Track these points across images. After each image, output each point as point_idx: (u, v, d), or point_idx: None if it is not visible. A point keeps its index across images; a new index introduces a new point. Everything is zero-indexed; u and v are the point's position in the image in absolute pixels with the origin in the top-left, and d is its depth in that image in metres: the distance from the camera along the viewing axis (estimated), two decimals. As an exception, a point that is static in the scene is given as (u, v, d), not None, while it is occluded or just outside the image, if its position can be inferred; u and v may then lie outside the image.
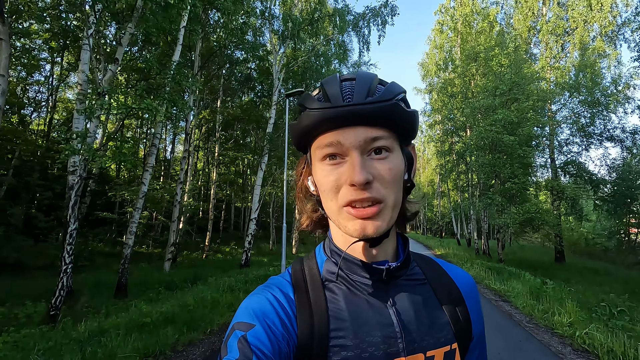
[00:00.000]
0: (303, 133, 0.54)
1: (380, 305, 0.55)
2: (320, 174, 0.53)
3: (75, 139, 5.83)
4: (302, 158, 0.61)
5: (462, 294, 0.62)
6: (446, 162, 23.58)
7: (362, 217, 0.49)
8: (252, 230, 11.91)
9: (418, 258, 0.65)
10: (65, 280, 5.63)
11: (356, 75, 0.52)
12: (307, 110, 0.51)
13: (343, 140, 0.50)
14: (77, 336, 4.08)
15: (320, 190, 0.54)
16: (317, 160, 0.53)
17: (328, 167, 0.52)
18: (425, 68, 24.98)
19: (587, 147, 16.96)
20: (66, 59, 15.15)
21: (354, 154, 0.49)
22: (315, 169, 0.55)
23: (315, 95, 0.53)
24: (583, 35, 17.36)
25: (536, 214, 12.22)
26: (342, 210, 0.51)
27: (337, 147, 0.50)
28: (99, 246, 13.61)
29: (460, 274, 0.66)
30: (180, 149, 23.79)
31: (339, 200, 0.51)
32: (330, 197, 0.52)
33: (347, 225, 0.51)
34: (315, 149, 0.53)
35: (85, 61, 6.61)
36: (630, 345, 3.97)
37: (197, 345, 4.26)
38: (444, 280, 0.62)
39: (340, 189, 0.50)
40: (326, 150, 0.51)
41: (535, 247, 25.49)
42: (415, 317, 0.55)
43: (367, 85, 0.50)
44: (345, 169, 0.50)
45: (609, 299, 6.89)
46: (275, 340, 0.48)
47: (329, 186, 0.51)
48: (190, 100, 11.83)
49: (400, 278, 0.58)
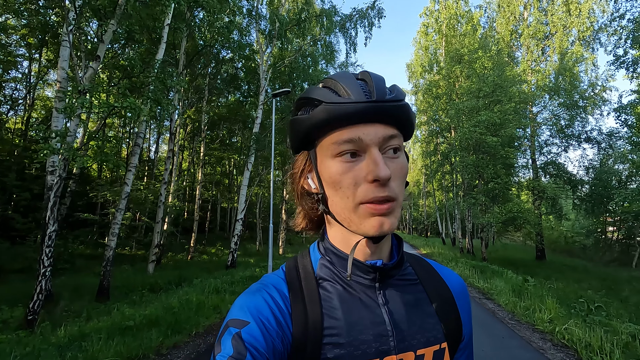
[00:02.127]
0: (315, 128, 0.52)
1: (373, 304, 0.55)
2: (334, 171, 0.51)
3: (55, 138, 5.65)
4: (302, 154, 0.59)
5: (453, 294, 0.63)
6: (431, 162, 23.94)
7: (379, 213, 0.49)
8: (238, 231, 11.80)
9: (411, 258, 0.66)
10: (44, 284, 5.45)
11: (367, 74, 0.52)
12: (323, 104, 0.50)
13: (364, 137, 0.49)
14: (57, 341, 3.96)
15: (329, 187, 0.53)
16: (330, 157, 0.52)
17: (345, 163, 0.50)
18: (411, 69, 25.31)
19: (566, 148, 17.57)
20: (45, 55, 14.66)
21: (374, 150, 0.49)
22: (325, 165, 0.53)
23: (326, 90, 0.51)
24: (562, 39, 17.93)
25: (518, 214, 12.53)
26: (358, 208, 0.50)
27: (357, 143, 0.49)
28: (80, 248, 13.22)
29: (451, 275, 0.67)
30: (165, 148, 23.38)
31: (357, 197, 0.49)
32: (346, 194, 0.50)
33: (364, 222, 0.50)
34: (329, 145, 0.51)
35: (64, 58, 6.40)
36: (607, 340, 4.11)
37: (182, 348, 4.20)
38: (435, 280, 0.63)
39: (359, 185, 0.49)
40: (345, 146, 0.50)
41: (517, 245, 26.14)
42: (407, 316, 0.55)
43: (382, 84, 0.50)
44: (364, 165, 0.49)
45: (587, 295, 7.13)
46: (270, 338, 0.48)
47: (347, 183, 0.50)
48: (175, 99, 11.64)
49: (394, 278, 0.58)
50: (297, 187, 0.61)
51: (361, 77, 0.52)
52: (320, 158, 0.54)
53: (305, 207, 0.61)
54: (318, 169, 0.55)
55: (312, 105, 0.52)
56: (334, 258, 0.58)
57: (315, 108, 0.51)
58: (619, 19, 13.80)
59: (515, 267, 12.77)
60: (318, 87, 0.53)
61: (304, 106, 0.54)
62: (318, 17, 13.80)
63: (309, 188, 0.58)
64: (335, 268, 0.57)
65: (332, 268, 0.58)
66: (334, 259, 0.58)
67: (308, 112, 0.52)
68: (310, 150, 0.56)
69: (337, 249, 0.58)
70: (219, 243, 19.47)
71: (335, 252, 0.58)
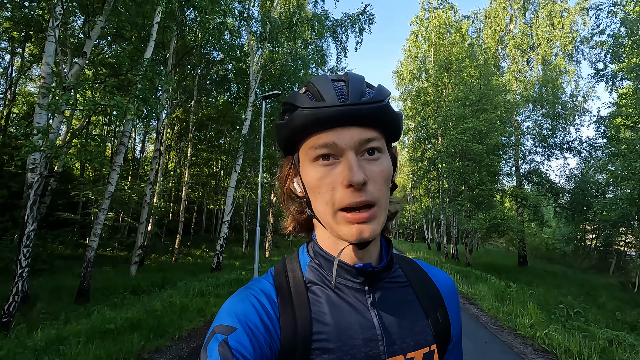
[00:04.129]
0: (293, 133, 0.52)
1: (363, 307, 0.54)
2: (312, 175, 0.51)
3: (37, 134, 5.49)
4: (287, 159, 0.59)
5: (443, 296, 0.62)
6: (418, 168, 24.21)
7: (358, 221, 0.48)
8: (224, 233, 11.67)
9: (400, 260, 0.65)
10: (20, 285, 5.27)
11: (346, 75, 0.51)
12: (299, 110, 0.49)
13: (339, 141, 0.49)
14: (33, 345, 3.82)
15: (311, 191, 0.53)
16: (309, 161, 0.52)
17: (321, 168, 0.50)
18: (400, 76, 25.62)
19: (549, 157, 18.04)
20: (28, 50, 14.26)
21: (350, 154, 0.49)
22: (305, 170, 0.53)
23: (305, 94, 0.51)
24: (546, 51, 18.47)
25: (502, 220, 12.77)
26: (337, 214, 0.50)
27: (332, 147, 0.49)
28: (59, 249, 12.83)
29: (440, 276, 0.67)
30: (151, 148, 23.05)
31: (335, 203, 0.49)
32: (324, 199, 0.50)
33: (342, 229, 0.50)
34: (307, 149, 0.51)
35: (50, 53, 6.24)
36: (585, 345, 4.22)
37: (164, 352, 4.11)
38: (425, 282, 0.63)
39: (336, 190, 0.49)
40: (320, 150, 0.50)
41: (500, 251, 26.62)
42: (397, 320, 0.55)
43: (359, 85, 0.49)
44: (340, 170, 0.49)
45: (566, 301, 7.30)
46: (258, 344, 0.47)
47: (324, 188, 0.50)
48: (163, 98, 11.48)
49: (383, 280, 0.58)
50: (283, 191, 0.61)
51: (339, 78, 0.52)
52: (301, 162, 0.54)
53: (293, 210, 0.60)
54: (300, 174, 0.55)
55: (291, 110, 0.52)
56: (323, 261, 0.57)
57: (292, 113, 0.51)
58: (599, 34, 14.31)
59: (499, 272, 13.01)
60: (299, 92, 0.53)
61: (286, 111, 0.54)
62: (309, 21, 13.86)
63: (295, 192, 0.58)
64: (324, 271, 0.56)
65: (321, 271, 0.57)
66: (323, 263, 0.57)
67: (289, 116, 0.52)
68: (293, 155, 0.56)
69: (325, 252, 0.57)
70: (205, 245, 19.21)
71: (324, 256, 0.57)
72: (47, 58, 6.22)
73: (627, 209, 10.81)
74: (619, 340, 4.41)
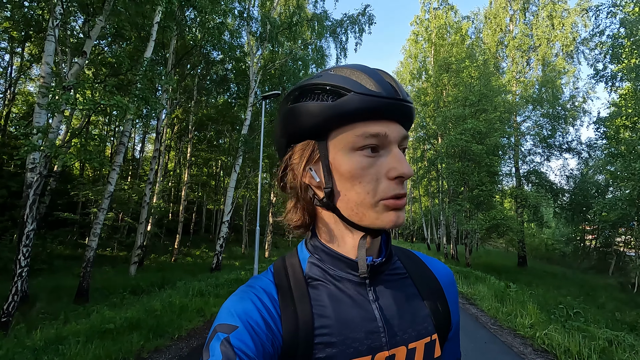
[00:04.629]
0: (338, 117, 0.49)
1: (364, 300, 0.54)
2: (353, 165, 0.50)
3: (36, 134, 5.49)
4: (306, 144, 0.54)
5: (442, 286, 0.63)
6: (418, 168, 24.22)
7: (397, 207, 0.50)
8: (224, 233, 11.66)
9: (399, 252, 0.66)
10: (19, 285, 5.27)
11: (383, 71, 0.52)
12: (352, 94, 0.48)
13: (389, 133, 0.50)
14: (32, 344, 3.82)
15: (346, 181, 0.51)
16: (348, 149, 0.50)
17: (367, 158, 0.50)
18: (400, 76, 25.61)
19: (549, 158, 18.05)
20: (28, 49, 14.27)
21: (395, 147, 0.51)
22: (340, 158, 0.51)
23: (350, 79, 0.50)
24: (546, 52, 18.48)
25: (501, 221, 12.78)
26: (378, 204, 0.50)
27: (381, 139, 0.49)
28: (59, 248, 12.82)
29: (439, 266, 0.67)
30: (151, 148, 23.05)
31: (380, 192, 0.50)
32: (366, 189, 0.50)
33: (381, 216, 0.51)
34: (352, 137, 0.49)
35: (49, 53, 6.23)
36: (585, 345, 4.22)
37: (163, 352, 4.10)
38: (424, 273, 0.63)
39: (380, 181, 0.50)
40: (369, 140, 0.49)
41: (499, 252, 26.64)
42: (398, 311, 0.55)
43: (401, 84, 0.52)
44: (388, 161, 0.50)
45: (566, 301, 7.31)
46: (259, 342, 0.47)
47: (367, 178, 0.50)
48: (162, 98, 11.47)
49: (384, 273, 0.58)
50: (298, 180, 0.56)
51: (380, 72, 0.52)
52: (333, 150, 0.52)
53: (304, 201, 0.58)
54: (330, 162, 0.52)
55: (334, 93, 0.49)
56: (324, 256, 0.57)
57: (339, 97, 0.49)
58: (599, 35, 14.33)
59: (498, 273, 13.01)
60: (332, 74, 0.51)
61: (316, 93, 0.51)
62: (309, 22, 13.88)
63: (310, 181, 0.55)
64: (325, 266, 0.56)
65: (322, 266, 0.57)
66: (324, 257, 0.57)
67: (327, 99, 0.49)
68: (320, 141, 0.53)
69: (327, 247, 0.57)
70: (204, 245, 19.21)
71: (325, 250, 0.57)
72: (47, 58, 6.21)
73: (626, 209, 10.82)
74: (618, 340, 4.41)
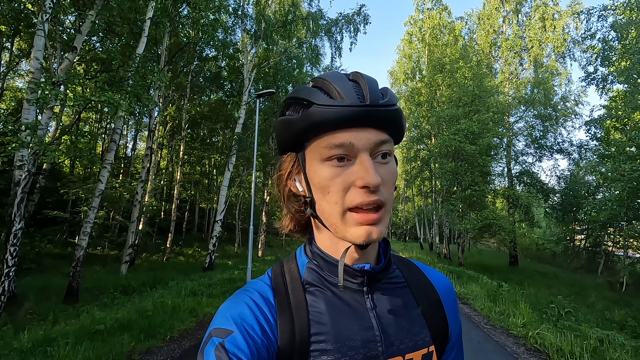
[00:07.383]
0: (305, 129, 0.49)
1: (361, 308, 0.54)
2: (323, 175, 0.49)
3: (25, 131, 5.37)
4: (289, 156, 0.56)
5: (440, 297, 0.63)
6: (411, 168, 24.34)
7: (367, 222, 0.48)
8: (217, 232, 11.58)
9: (398, 261, 0.65)
10: (7, 285, 5.16)
11: (359, 75, 0.50)
12: (314, 106, 0.48)
13: (356, 142, 0.48)
14: (19, 346, 3.73)
15: (318, 191, 0.51)
16: (319, 160, 0.50)
17: (335, 168, 0.49)
18: (395, 76, 25.70)
19: (540, 158, 18.27)
20: (17, 44, 13.98)
21: (365, 155, 0.48)
22: (313, 169, 0.51)
23: (320, 91, 0.49)
24: (538, 53, 18.69)
25: (494, 220, 12.90)
26: (346, 214, 0.49)
27: (348, 148, 0.48)
28: (48, 247, 12.58)
29: (438, 277, 0.67)
30: (143, 146, 22.79)
31: (346, 203, 0.48)
32: (333, 199, 0.49)
33: (350, 230, 0.49)
34: (319, 148, 0.49)
35: (39, 48, 6.09)
36: (577, 344, 4.27)
37: (155, 354, 4.05)
38: (422, 283, 0.63)
39: (348, 191, 0.48)
40: (335, 150, 0.48)
41: (491, 251, 26.92)
42: (395, 321, 0.54)
43: (376, 87, 0.49)
44: (354, 171, 0.48)
45: (557, 300, 7.39)
46: (255, 347, 0.47)
47: (336, 188, 0.49)
48: (155, 95, 11.33)
49: (381, 281, 0.57)
50: (283, 190, 0.58)
51: (353, 78, 0.50)
52: (309, 161, 0.52)
53: (292, 209, 0.59)
54: (306, 172, 0.53)
55: (302, 105, 0.50)
56: (322, 262, 0.56)
57: (306, 109, 0.49)
58: (590, 38, 14.53)
59: (490, 272, 13.13)
60: (308, 86, 0.51)
61: (293, 106, 0.52)
62: (304, 20, 13.84)
63: (296, 191, 0.56)
64: (323, 272, 0.56)
65: (320, 272, 0.56)
66: (322, 264, 0.56)
67: (298, 112, 0.50)
68: (298, 152, 0.54)
69: (324, 254, 0.56)
70: (197, 244, 19.05)
71: (322, 257, 0.56)
72: (36, 53, 6.08)
73: (616, 209, 10.98)
74: (609, 339, 4.47)
